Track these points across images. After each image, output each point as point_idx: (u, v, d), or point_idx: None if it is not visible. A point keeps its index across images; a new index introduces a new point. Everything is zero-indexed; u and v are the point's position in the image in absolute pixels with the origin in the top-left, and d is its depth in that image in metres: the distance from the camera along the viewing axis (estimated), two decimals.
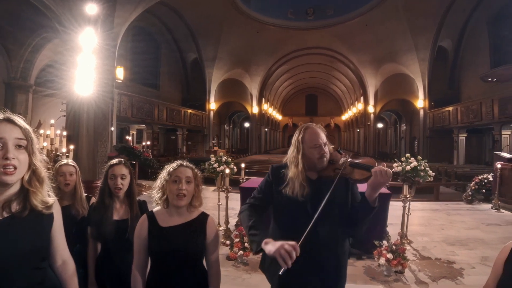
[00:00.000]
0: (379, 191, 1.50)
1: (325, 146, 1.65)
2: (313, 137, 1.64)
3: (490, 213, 7.12)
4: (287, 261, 1.30)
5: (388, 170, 1.45)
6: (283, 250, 1.31)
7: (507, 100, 12.23)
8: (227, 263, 3.99)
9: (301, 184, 1.61)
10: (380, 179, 1.45)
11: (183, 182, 1.54)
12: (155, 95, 17.19)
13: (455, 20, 15.84)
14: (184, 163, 1.61)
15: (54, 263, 1.26)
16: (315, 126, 1.71)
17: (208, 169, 5.69)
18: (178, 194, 1.53)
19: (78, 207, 2.14)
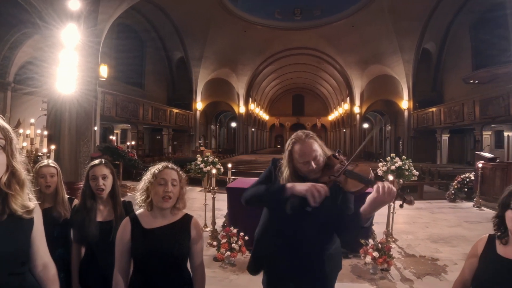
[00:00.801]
0: (377, 209, 1.39)
1: (316, 160, 1.59)
2: (301, 154, 1.60)
3: (472, 211, 7.32)
4: (316, 198, 1.40)
5: (393, 188, 1.33)
6: (314, 189, 1.42)
7: (487, 101, 12.60)
8: (214, 264, 3.95)
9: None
10: (382, 197, 1.33)
11: (169, 185, 1.52)
12: (140, 94, 16.89)
13: (438, 24, 16.26)
14: (169, 165, 1.59)
15: (35, 268, 1.21)
16: (304, 137, 1.63)
17: (194, 169, 5.63)
18: (164, 196, 1.51)
19: (60, 210, 2.06)
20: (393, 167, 5.29)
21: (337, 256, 1.74)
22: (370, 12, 17.03)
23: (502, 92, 11.53)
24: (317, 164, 1.59)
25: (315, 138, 1.65)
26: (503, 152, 13.92)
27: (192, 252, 1.59)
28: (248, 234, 4.09)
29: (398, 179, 5.45)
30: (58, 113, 6.31)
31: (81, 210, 1.94)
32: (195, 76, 20.52)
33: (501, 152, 13.67)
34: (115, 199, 2.00)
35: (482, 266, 1.38)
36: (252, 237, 3.93)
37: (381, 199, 1.34)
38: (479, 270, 1.39)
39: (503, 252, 1.34)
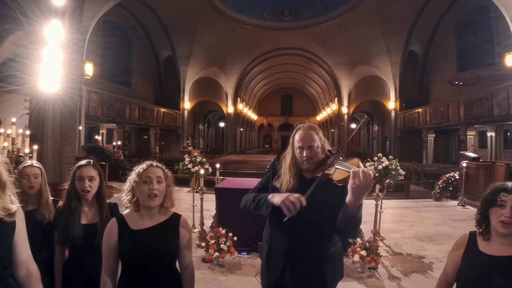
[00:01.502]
0: (361, 198, 1.37)
1: (311, 149, 1.62)
2: (299, 139, 1.65)
3: (457, 209, 7.49)
4: (292, 210, 1.43)
5: (368, 171, 1.33)
6: (288, 201, 1.45)
7: (472, 102, 12.91)
8: (203, 266, 3.91)
9: (287, 180, 1.64)
10: (357, 181, 1.32)
11: (154, 182, 1.49)
12: (127, 93, 16.59)
13: (424, 26, 16.64)
14: (154, 163, 1.56)
15: (17, 272, 1.19)
16: (307, 127, 1.69)
17: (182, 169, 5.58)
18: (149, 194, 1.47)
19: (43, 212, 2.00)
20: (380, 166, 5.36)
21: (337, 262, 1.71)
22: (358, 14, 17.24)
23: (486, 94, 11.82)
24: (311, 154, 1.61)
25: (317, 132, 1.68)
26: (486, 152, 14.26)
27: (181, 252, 1.56)
28: (237, 235, 4.07)
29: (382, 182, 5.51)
30: (41, 112, 6.13)
31: (65, 212, 1.88)
32: (183, 75, 20.32)
33: (484, 152, 14.00)
34: (101, 201, 1.95)
35: (466, 263, 1.41)
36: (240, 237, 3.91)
37: (359, 184, 1.33)
38: (462, 268, 1.41)
39: (486, 248, 1.36)
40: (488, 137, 14.48)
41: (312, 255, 1.60)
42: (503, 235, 1.31)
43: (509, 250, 1.31)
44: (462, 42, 15.53)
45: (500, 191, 1.31)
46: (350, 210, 1.41)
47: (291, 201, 1.44)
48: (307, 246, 1.60)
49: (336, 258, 1.69)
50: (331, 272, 1.65)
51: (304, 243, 1.59)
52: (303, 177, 1.67)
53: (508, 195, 1.29)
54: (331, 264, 1.65)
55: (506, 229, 1.28)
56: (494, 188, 1.34)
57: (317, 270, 1.61)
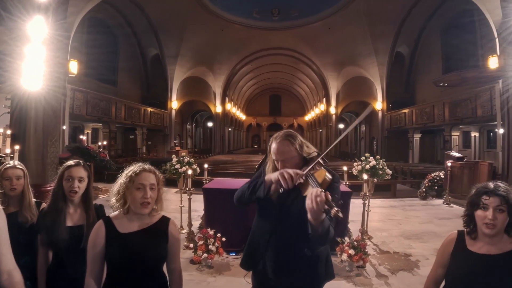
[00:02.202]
0: (316, 218, 1.29)
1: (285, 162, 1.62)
2: (273, 152, 1.68)
3: (442, 208, 7.66)
4: (289, 182, 1.45)
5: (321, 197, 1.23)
6: (286, 173, 1.48)
7: (456, 103, 13.22)
8: (191, 267, 3.88)
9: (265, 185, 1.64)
10: (311, 204, 1.26)
11: (147, 190, 1.45)
12: (113, 92, 16.27)
13: (411, 28, 16.95)
14: (146, 167, 1.51)
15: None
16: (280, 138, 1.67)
17: (169, 170, 5.52)
18: (143, 202, 1.44)
19: (26, 214, 1.94)
20: (367, 166, 5.43)
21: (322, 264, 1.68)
22: (347, 15, 17.36)
23: (470, 95, 12.11)
24: (284, 167, 1.59)
25: (292, 141, 1.65)
26: (470, 151, 14.62)
27: (170, 255, 1.54)
28: (226, 235, 4.04)
29: (372, 178, 5.59)
30: (23, 111, 5.95)
31: (50, 213, 1.83)
32: (170, 74, 20.06)
33: (468, 152, 14.36)
34: (87, 203, 1.90)
35: (454, 262, 1.44)
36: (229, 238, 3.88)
37: (310, 206, 1.27)
38: (451, 267, 1.45)
39: (473, 247, 1.40)
40: (472, 137, 14.86)
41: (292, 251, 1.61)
42: (489, 236, 1.35)
43: (495, 249, 1.35)
44: (447, 45, 15.90)
45: (482, 194, 1.35)
46: (311, 225, 1.34)
47: (289, 173, 1.47)
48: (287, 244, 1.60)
49: (321, 259, 1.67)
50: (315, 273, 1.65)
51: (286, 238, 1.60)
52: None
53: (489, 198, 1.32)
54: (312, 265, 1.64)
55: (490, 230, 1.33)
56: (477, 190, 1.38)
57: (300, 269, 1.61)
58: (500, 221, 1.31)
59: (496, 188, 1.33)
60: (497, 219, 1.31)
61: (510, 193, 1.33)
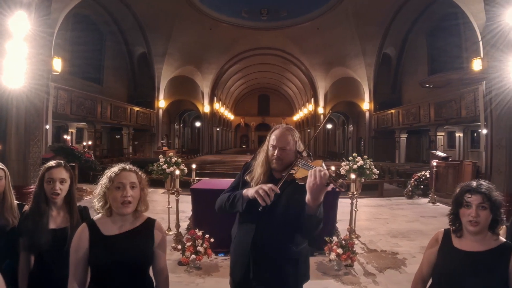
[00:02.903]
0: (318, 197, 1.39)
1: (282, 151, 1.67)
2: (275, 137, 1.70)
3: (428, 206, 7.79)
4: (266, 199, 1.47)
5: (324, 172, 1.36)
6: (261, 190, 1.49)
7: (441, 104, 13.47)
8: (179, 269, 3.84)
9: (258, 174, 1.68)
10: (313, 180, 1.36)
11: (127, 189, 1.43)
12: (98, 91, 15.90)
13: (398, 30, 17.20)
14: (126, 167, 1.49)
15: None
16: (284, 129, 1.74)
17: (156, 170, 5.44)
18: (123, 201, 1.41)
19: (7, 216, 1.86)
20: (355, 166, 5.48)
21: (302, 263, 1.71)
22: (335, 16, 17.49)
23: (455, 96, 12.35)
24: (282, 155, 1.66)
25: (293, 134, 1.73)
26: (455, 151, 14.96)
27: (156, 257, 1.51)
28: (214, 236, 4.00)
29: (360, 178, 5.65)
30: (3, 110, 5.75)
31: (32, 216, 1.77)
32: (158, 73, 19.77)
33: (453, 152, 14.66)
34: (71, 205, 1.85)
35: (441, 259, 1.48)
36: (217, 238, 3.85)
37: (315, 182, 1.37)
38: (438, 264, 1.48)
39: (459, 244, 1.44)
40: (456, 138, 15.21)
41: (275, 253, 1.62)
42: (474, 233, 1.40)
43: (480, 246, 1.39)
44: (433, 47, 16.19)
45: (465, 193, 1.40)
46: (309, 209, 1.43)
47: (264, 190, 1.49)
48: (272, 243, 1.61)
49: (301, 259, 1.70)
50: (295, 273, 1.66)
51: (269, 240, 1.60)
52: (272, 176, 1.70)
53: (472, 196, 1.37)
54: (295, 264, 1.66)
55: (474, 228, 1.37)
56: (460, 189, 1.43)
57: (280, 268, 1.62)
58: (483, 218, 1.35)
59: (478, 186, 1.38)
60: (480, 216, 1.35)
61: (492, 191, 1.38)
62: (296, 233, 1.66)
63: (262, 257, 1.62)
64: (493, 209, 1.36)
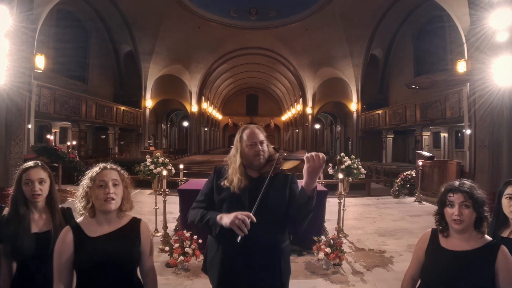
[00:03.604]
0: (316, 179, 1.51)
1: (262, 145, 1.71)
2: (249, 136, 1.71)
3: (414, 205, 7.90)
4: (243, 229, 1.42)
5: (321, 154, 1.47)
6: (237, 220, 1.44)
7: (427, 105, 13.73)
8: (167, 271, 3.77)
9: (238, 178, 1.66)
10: (313, 163, 1.46)
11: (110, 186, 1.42)
12: (83, 89, 15.49)
13: (385, 32, 17.47)
14: (107, 166, 1.48)
15: None
16: (253, 126, 1.78)
17: (143, 171, 5.35)
18: (106, 198, 1.40)
19: None
20: (343, 166, 5.51)
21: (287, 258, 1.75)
22: (323, 17, 17.62)
23: (440, 97, 12.60)
24: (263, 149, 1.70)
25: (262, 131, 1.78)
26: (440, 151, 15.35)
27: (143, 257, 1.50)
28: (202, 237, 3.96)
29: (347, 177, 5.69)
30: None
31: (12, 220, 1.68)
32: (144, 72, 19.47)
33: (438, 151, 15.05)
34: (53, 206, 1.79)
35: (428, 259, 1.50)
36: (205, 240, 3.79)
37: (313, 165, 1.46)
38: (426, 263, 1.51)
39: (446, 244, 1.46)
40: (441, 138, 15.58)
41: (268, 249, 1.64)
42: (459, 232, 1.42)
43: (466, 245, 1.41)
44: (419, 49, 16.52)
45: (448, 192, 1.43)
46: (308, 191, 1.51)
47: (240, 220, 1.44)
48: (261, 240, 1.60)
49: (286, 254, 1.74)
50: (286, 267, 1.71)
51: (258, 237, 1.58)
52: (249, 176, 1.71)
53: (454, 195, 1.40)
54: (286, 259, 1.71)
55: (459, 226, 1.39)
56: (444, 189, 1.46)
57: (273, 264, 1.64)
58: (467, 217, 1.38)
59: (460, 185, 1.41)
60: (463, 215, 1.37)
61: (474, 189, 1.40)
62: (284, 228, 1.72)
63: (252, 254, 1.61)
64: (476, 207, 1.38)
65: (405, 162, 16.62)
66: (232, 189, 1.66)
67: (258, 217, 1.53)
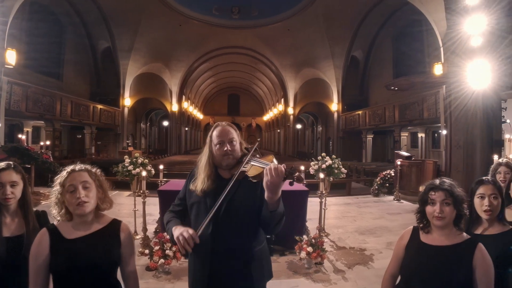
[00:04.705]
0: (277, 192, 1.38)
1: (232, 144, 1.63)
2: (219, 134, 1.65)
3: (393, 204, 8.08)
4: (186, 248, 1.40)
5: (280, 167, 1.34)
6: (181, 237, 1.40)
7: (405, 106, 14.12)
8: (147, 274, 3.69)
9: (202, 180, 1.60)
10: (271, 178, 1.33)
11: (79, 189, 1.37)
12: (58, 87, 14.88)
13: (366, 34, 17.85)
14: (76, 167, 1.43)
15: None
16: (225, 123, 1.71)
17: (121, 172, 5.19)
18: (78, 203, 1.35)
19: None
20: (324, 165, 5.56)
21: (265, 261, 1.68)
22: (306, 18, 17.75)
23: (418, 99, 12.98)
24: (232, 148, 1.62)
25: (235, 129, 1.71)
26: (418, 151, 15.81)
27: (123, 259, 1.46)
28: None
29: (328, 177, 5.74)
30: None
31: None
32: (123, 69, 18.95)
33: (416, 151, 15.49)
34: (26, 209, 1.71)
35: (408, 254, 1.54)
36: None
37: (272, 180, 1.34)
38: (405, 259, 1.54)
39: (426, 239, 1.51)
40: (419, 138, 16.06)
41: (237, 254, 1.57)
42: (440, 228, 1.47)
43: (446, 241, 1.46)
44: (398, 51, 17.00)
45: (429, 190, 1.47)
46: (270, 206, 1.42)
47: (184, 238, 1.41)
48: (232, 244, 1.55)
49: (263, 257, 1.67)
50: (259, 272, 1.62)
51: (229, 241, 1.55)
52: (220, 177, 1.64)
53: (435, 193, 1.44)
54: (259, 263, 1.63)
55: (440, 222, 1.43)
56: (425, 188, 1.50)
57: (244, 269, 1.58)
58: (448, 214, 1.42)
59: (441, 183, 1.45)
60: (444, 212, 1.42)
61: (454, 187, 1.45)
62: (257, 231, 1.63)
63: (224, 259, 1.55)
64: (456, 204, 1.42)
65: (384, 161, 16.97)
66: (197, 193, 1.60)
67: (224, 221, 1.51)
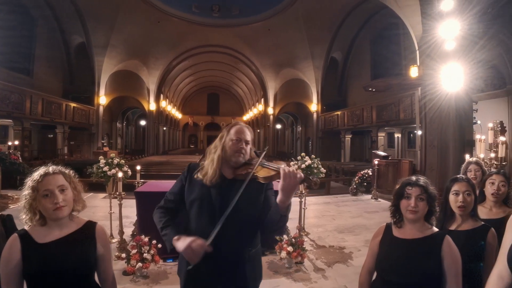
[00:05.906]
0: (291, 196, 1.47)
1: (246, 145, 1.66)
2: (237, 131, 1.67)
3: (370, 202, 8.27)
4: (194, 259, 1.39)
5: (300, 174, 1.43)
6: (190, 249, 1.39)
7: (382, 107, 14.50)
8: (124, 279, 3.59)
9: (214, 170, 1.60)
10: (288, 181, 1.42)
11: (56, 194, 1.31)
12: (27, 83, 14.17)
13: (345, 36, 18.16)
14: (50, 170, 1.36)
15: None
16: (244, 125, 1.74)
17: (96, 173, 4.96)
18: (55, 208, 1.30)
19: None
20: (303, 165, 5.59)
21: (258, 263, 1.72)
22: (286, 18, 17.82)
23: (394, 100, 13.34)
24: (246, 150, 1.65)
25: (251, 132, 1.74)
26: (394, 151, 16.29)
27: (100, 262, 1.42)
28: (162, 242, 3.73)
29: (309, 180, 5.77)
30: None
31: None
32: (98, 66, 18.27)
33: (392, 151, 15.92)
34: None
35: (382, 249, 1.63)
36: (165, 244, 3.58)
37: (288, 182, 1.42)
38: (380, 254, 1.62)
39: (398, 234, 1.60)
40: (395, 138, 16.56)
41: (233, 256, 1.57)
42: (413, 221, 1.56)
43: (417, 234, 1.55)
44: (376, 53, 17.39)
45: (406, 185, 1.56)
46: (281, 209, 1.48)
47: (193, 250, 1.40)
48: (229, 246, 1.55)
49: (257, 260, 1.71)
50: (253, 274, 1.65)
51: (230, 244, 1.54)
52: (222, 175, 1.64)
53: (412, 188, 1.54)
54: (252, 265, 1.65)
55: (413, 215, 1.53)
56: (401, 183, 1.59)
57: (239, 271, 1.59)
58: (421, 209, 1.52)
59: (417, 180, 1.55)
60: (418, 206, 1.51)
61: (429, 185, 1.55)
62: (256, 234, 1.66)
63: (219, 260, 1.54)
64: (429, 200, 1.52)
65: (362, 161, 17.32)
66: (205, 181, 1.59)
67: (228, 224, 1.48)
